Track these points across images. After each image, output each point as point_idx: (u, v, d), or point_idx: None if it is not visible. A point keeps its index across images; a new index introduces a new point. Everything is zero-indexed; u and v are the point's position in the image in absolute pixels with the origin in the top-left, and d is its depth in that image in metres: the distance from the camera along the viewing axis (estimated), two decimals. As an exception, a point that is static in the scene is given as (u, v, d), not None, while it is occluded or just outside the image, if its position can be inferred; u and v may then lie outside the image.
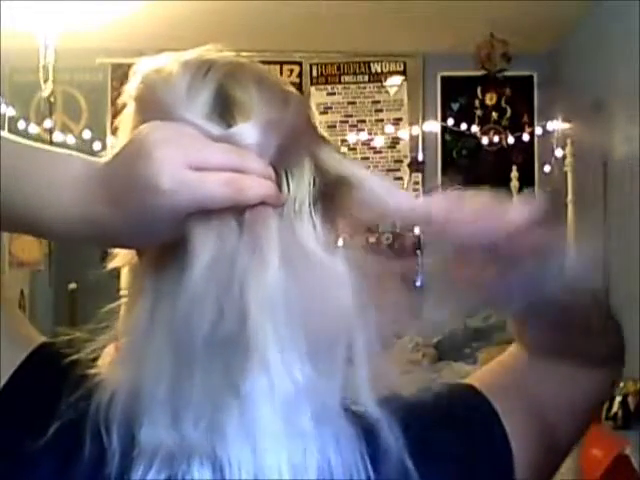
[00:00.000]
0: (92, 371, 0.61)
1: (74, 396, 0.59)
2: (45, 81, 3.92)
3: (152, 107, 0.62)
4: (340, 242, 0.65)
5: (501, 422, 0.67)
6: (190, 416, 0.56)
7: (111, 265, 0.68)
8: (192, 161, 0.54)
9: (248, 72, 0.66)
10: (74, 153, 0.60)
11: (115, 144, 0.64)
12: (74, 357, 0.62)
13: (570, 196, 3.91)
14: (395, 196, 0.61)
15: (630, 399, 3.18)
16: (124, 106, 0.67)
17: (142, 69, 0.67)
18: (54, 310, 4.63)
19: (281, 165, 0.60)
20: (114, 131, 0.68)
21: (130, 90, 0.67)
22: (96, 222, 0.56)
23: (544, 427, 0.70)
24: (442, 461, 0.62)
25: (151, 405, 0.57)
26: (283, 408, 0.56)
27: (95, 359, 0.62)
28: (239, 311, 0.55)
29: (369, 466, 0.58)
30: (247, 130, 0.58)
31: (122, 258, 0.68)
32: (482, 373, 0.75)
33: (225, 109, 0.61)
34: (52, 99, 4.15)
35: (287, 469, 0.56)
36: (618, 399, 3.20)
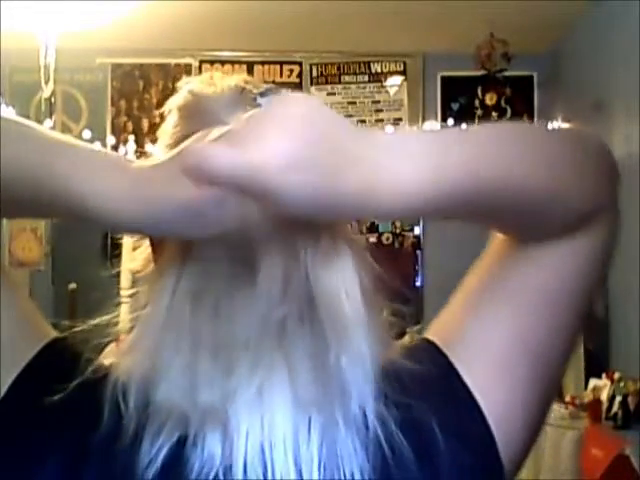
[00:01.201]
0: (104, 361, 0.64)
1: (85, 379, 0.62)
2: (46, 82, 3.92)
3: (197, 114, 0.67)
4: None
5: (460, 376, 0.65)
6: (206, 383, 0.59)
7: (129, 266, 0.71)
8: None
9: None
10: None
11: (156, 151, 0.69)
12: (86, 352, 0.65)
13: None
14: None
15: (630, 399, 3.18)
16: (164, 117, 0.71)
17: (188, 85, 0.70)
18: (54, 310, 4.63)
19: None
20: (153, 141, 0.71)
21: (174, 101, 0.71)
22: (150, 209, 0.55)
23: (528, 360, 0.67)
24: (410, 430, 0.62)
25: (168, 371, 0.60)
26: (294, 384, 0.60)
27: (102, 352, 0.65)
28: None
29: (372, 445, 0.61)
30: None
31: (140, 260, 0.70)
32: (445, 317, 0.71)
33: None
34: (52, 99, 4.16)
35: (291, 440, 0.59)
36: (618, 399, 3.21)
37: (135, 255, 0.71)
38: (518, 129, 0.68)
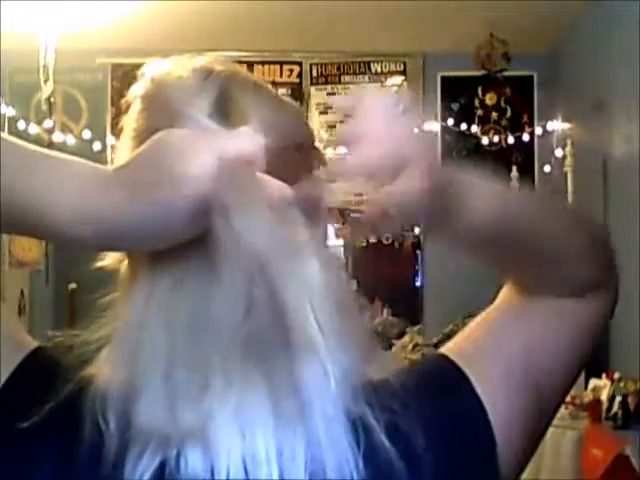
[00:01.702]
0: (86, 371, 0.62)
1: (68, 390, 0.60)
2: (45, 82, 3.92)
3: (159, 105, 0.64)
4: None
5: (473, 387, 0.66)
6: (184, 400, 0.58)
7: (100, 264, 0.69)
8: (214, 151, 0.56)
9: (246, 79, 0.69)
10: (83, 160, 0.60)
11: (120, 144, 0.66)
12: (68, 361, 0.63)
13: (570, 196, 3.91)
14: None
15: (630, 399, 3.18)
16: (129, 106, 0.68)
17: (150, 71, 0.68)
18: (54, 310, 4.64)
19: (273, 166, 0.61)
20: (119, 132, 0.69)
21: (136, 90, 0.68)
22: (106, 221, 0.56)
23: (530, 378, 0.70)
24: (420, 437, 0.62)
25: (146, 388, 0.58)
26: (273, 398, 0.58)
27: (88, 361, 0.63)
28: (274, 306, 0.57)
29: (359, 457, 0.59)
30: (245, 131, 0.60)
31: (112, 258, 0.69)
32: (458, 337, 0.74)
33: (226, 111, 0.63)
34: (52, 99, 4.16)
35: (275, 455, 0.58)
36: (618, 399, 3.21)
37: (107, 253, 0.69)
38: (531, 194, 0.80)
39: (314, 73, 4.99)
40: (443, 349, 0.72)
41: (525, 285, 0.74)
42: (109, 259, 0.69)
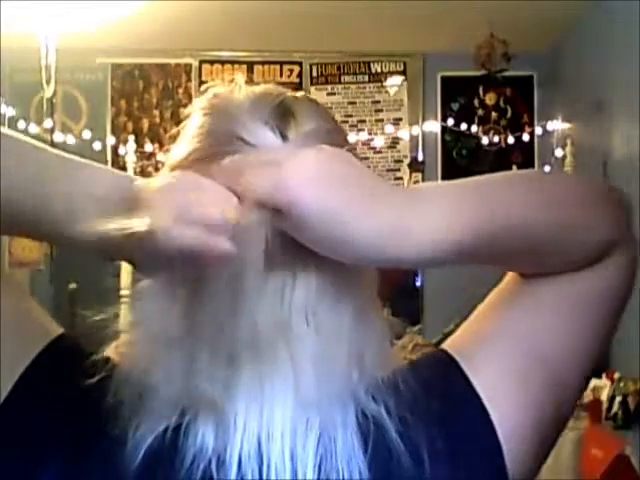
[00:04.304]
0: (109, 359, 0.64)
1: (91, 379, 0.62)
2: (47, 82, 3.92)
3: (218, 114, 0.67)
4: None
5: (469, 381, 0.65)
6: (204, 372, 0.60)
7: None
8: (182, 216, 0.57)
9: (306, 101, 0.70)
10: (103, 167, 0.63)
11: (173, 148, 0.69)
12: (90, 350, 0.65)
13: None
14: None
15: (630, 399, 3.18)
16: (188, 116, 0.71)
17: (213, 89, 0.71)
18: (54, 310, 4.62)
19: None
20: (153, 141, 0.72)
21: (198, 103, 0.70)
22: (112, 242, 0.58)
23: (541, 365, 0.67)
24: (421, 433, 0.62)
25: (166, 359, 0.60)
26: (297, 382, 0.60)
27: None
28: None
29: (368, 452, 0.61)
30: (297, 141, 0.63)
31: None
32: (459, 331, 0.72)
33: (284, 121, 0.65)
34: (53, 99, 4.16)
35: (289, 437, 0.60)
36: (618, 399, 3.20)
37: None
38: (526, 177, 0.72)
39: (314, 73, 4.99)
40: (445, 345, 0.71)
41: (526, 271, 0.70)
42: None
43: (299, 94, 0.70)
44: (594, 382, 3.44)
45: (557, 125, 4.44)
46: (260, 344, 0.59)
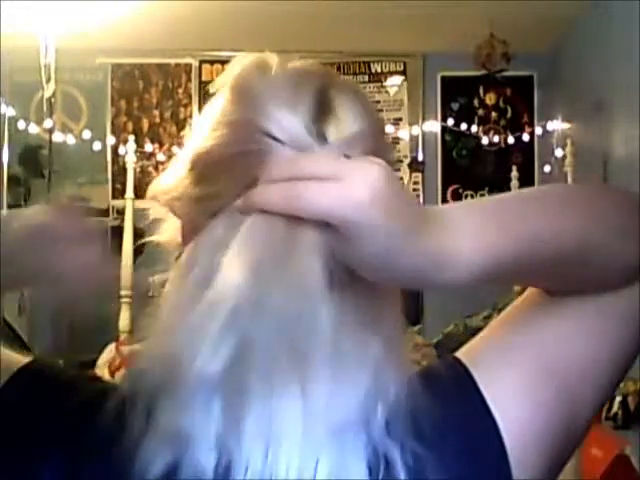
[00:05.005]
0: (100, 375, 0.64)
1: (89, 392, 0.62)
2: (47, 81, 3.92)
3: (249, 101, 0.61)
4: None
5: (478, 389, 0.64)
6: (213, 407, 0.56)
7: (158, 239, 0.68)
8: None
9: (351, 92, 0.65)
10: None
11: (199, 128, 0.64)
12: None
13: (570, 196, 3.90)
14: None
15: (630, 399, 3.18)
16: (213, 93, 0.65)
17: (242, 62, 0.66)
18: (54, 310, 4.63)
19: None
20: (153, 141, 0.70)
21: (225, 79, 0.64)
22: None
23: (560, 382, 0.65)
24: (429, 439, 0.60)
25: (175, 389, 0.57)
26: (306, 419, 0.57)
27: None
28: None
29: None
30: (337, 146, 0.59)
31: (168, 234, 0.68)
32: (475, 339, 0.70)
33: (322, 118, 0.60)
34: (52, 99, 4.15)
35: (295, 476, 0.56)
36: (618, 399, 3.20)
37: (164, 228, 0.67)
38: (571, 194, 0.68)
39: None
40: (458, 353, 0.69)
41: (555, 289, 0.68)
42: (166, 234, 0.68)
43: (343, 81, 0.65)
44: (594, 382, 3.43)
45: (557, 125, 4.43)
46: (275, 376, 0.56)
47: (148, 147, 4.37)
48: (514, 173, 3.92)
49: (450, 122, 4.78)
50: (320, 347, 0.56)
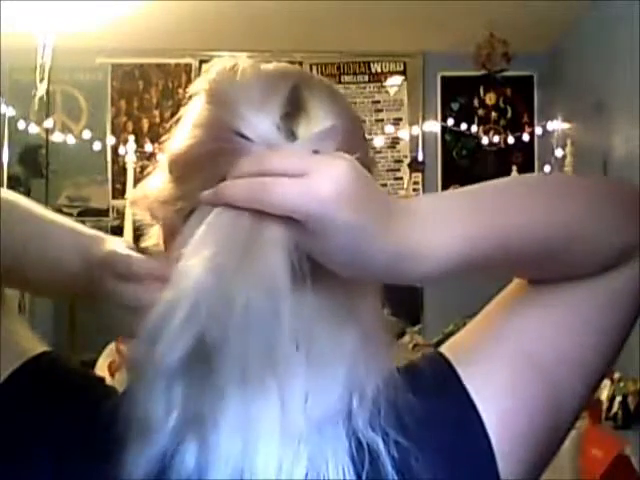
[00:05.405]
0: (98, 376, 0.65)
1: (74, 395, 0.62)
2: (41, 80, 3.92)
3: (222, 103, 0.62)
4: None
5: (462, 383, 0.64)
6: (192, 398, 0.57)
7: (146, 244, 0.70)
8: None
9: (318, 82, 0.66)
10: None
11: (176, 132, 0.66)
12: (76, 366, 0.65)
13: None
14: None
15: (630, 399, 3.18)
16: (190, 97, 0.66)
17: (217, 67, 0.66)
18: (54, 310, 4.63)
19: None
20: (153, 141, 0.71)
21: (201, 83, 0.65)
22: None
23: (543, 373, 0.65)
24: (413, 434, 0.61)
25: (154, 383, 0.57)
26: (283, 414, 0.57)
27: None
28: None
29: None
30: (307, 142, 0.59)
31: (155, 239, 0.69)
32: (461, 333, 0.70)
33: (293, 116, 0.61)
34: (47, 98, 4.15)
35: (274, 472, 0.56)
36: (618, 399, 3.20)
37: (150, 233, 0.69)
38: (544, 183, 0.68)
39: (314, 73, 4.98)
40: (442, 347, 0.70)
41: (539, 277, 0.68)
42: (153, 239, 0.69)
43: (317, 80, 0.65)
44: (594, 382, 3.43)
45: (557, 125, 4.43)
46: (248, 371, 0.56)
47: (148, 147, 4.37)
48: (514, 173, 3.93)
49: (450, 122, 4.78)
50: (287, 342, 0.56)
